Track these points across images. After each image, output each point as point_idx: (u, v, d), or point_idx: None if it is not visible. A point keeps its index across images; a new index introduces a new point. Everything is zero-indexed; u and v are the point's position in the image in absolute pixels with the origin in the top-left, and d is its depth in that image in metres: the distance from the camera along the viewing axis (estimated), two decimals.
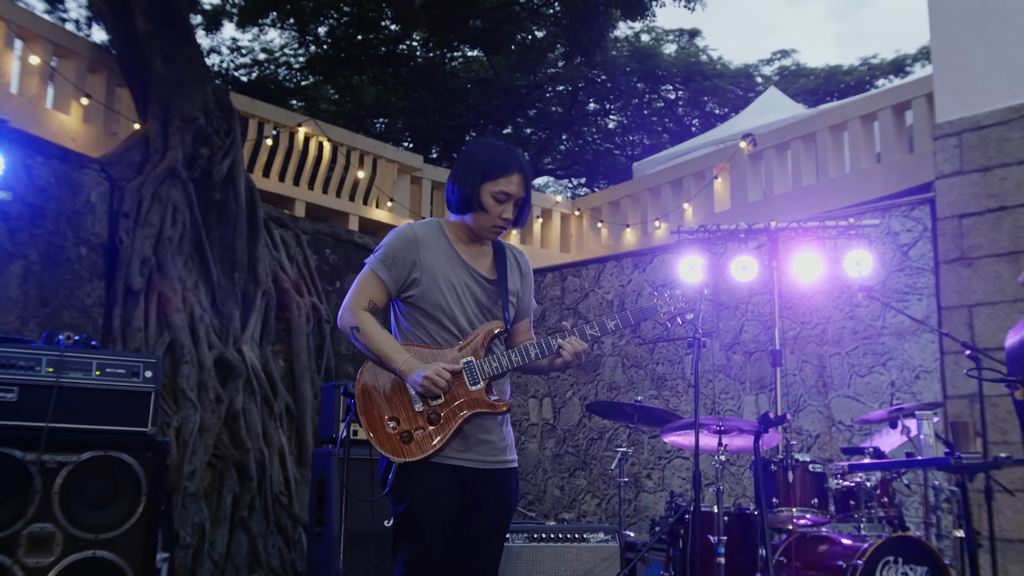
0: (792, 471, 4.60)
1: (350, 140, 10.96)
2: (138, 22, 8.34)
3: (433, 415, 2.89)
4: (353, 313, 3.02)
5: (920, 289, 6.85)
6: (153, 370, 4.67)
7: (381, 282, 3.02)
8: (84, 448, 4.40)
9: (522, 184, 3.06)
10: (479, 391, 2.93)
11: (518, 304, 3.19)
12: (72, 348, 4.54)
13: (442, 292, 2.99)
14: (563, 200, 13.09)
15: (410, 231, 3.07)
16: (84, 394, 4.48)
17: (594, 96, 21.20)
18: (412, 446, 2.87)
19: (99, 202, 7.64)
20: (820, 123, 9.64)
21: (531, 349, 2.98)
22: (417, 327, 3.03)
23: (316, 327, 9.22)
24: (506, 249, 3.21)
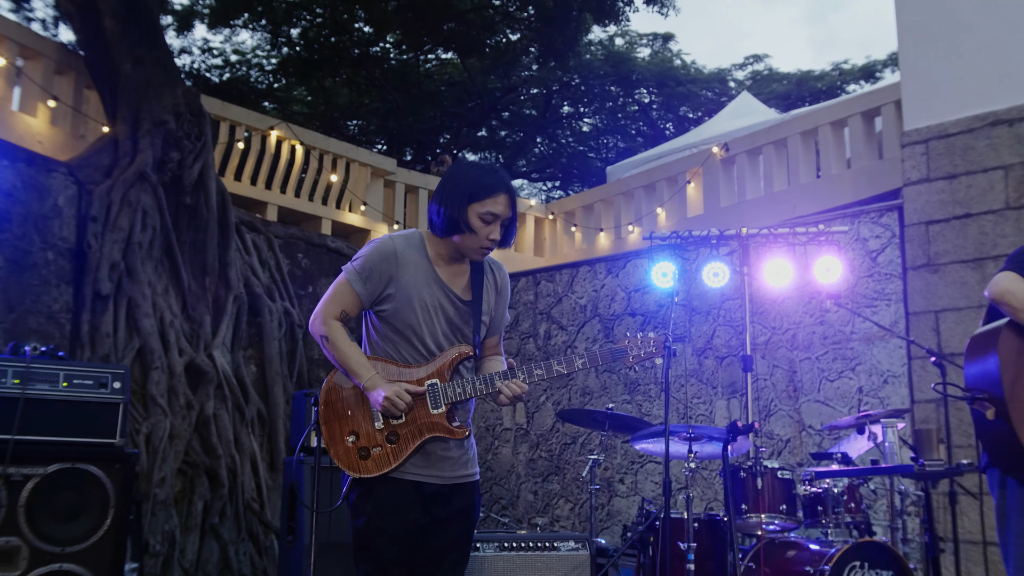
0: (761, 477, 4.64)
1: (323, 143, 10.92)
2: (106, 23, 8.26)
3: (392, 435, 2.89)
4: (324, 321, 3.02)
5: (888, 295, 6.91)
6: (121, 381, 4.63)
7: (355, 293, 3.02)
8: (51, 460, 4.35)
9: (508, 204, 3.04)
10: (440, 415, 2.93)
11: (490, 322, 3.19)
12: (39, 359, 4.48)
13: (414, 312, 2.99)
14: (537, 204, 13.12)
15: (390, 244, 3.05)
16: (51, 406, 4.44)
17: (568, 99, 21.26)
18: (369, 463, 2.87)
19: (67, 206, 7.56)
20: (791, 129, 9.72)
21: (496, 380, 2.97)
22: (386, 342, 3.03)
23: (288, 332, 9.17)
24: (485, 267, 3.19)
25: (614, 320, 8.65)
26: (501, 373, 2.99)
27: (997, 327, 3.22)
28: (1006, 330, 3.18)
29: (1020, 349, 3.14)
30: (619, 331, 8.57)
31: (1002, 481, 3.20)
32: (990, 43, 6.82)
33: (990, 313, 3.36)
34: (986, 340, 3.24)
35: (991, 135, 6.64)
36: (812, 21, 55.73)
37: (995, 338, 3.18)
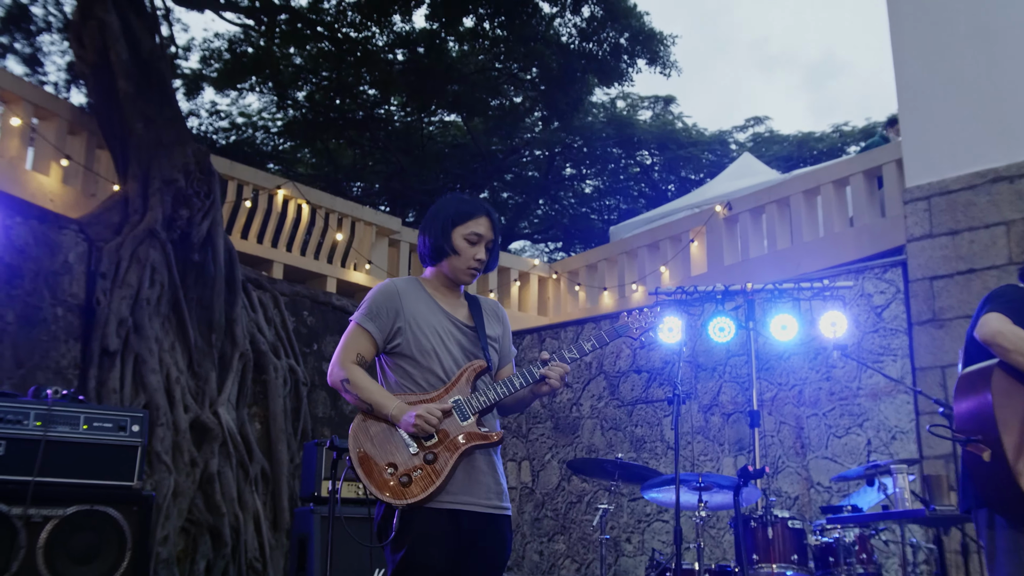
0: (772, 527, 4.62)
1: (328, 202, 11.02)
2: (120, 84, 8.41)
3: (429, 455, 2.92)
4: (342, 366, 3.07)
5: (894, 350, 6.93)
6: (140, 424, 4.72)
7: (368, 334, 3.08)
8: (70, 502, 4.42)
9: (490, 227, 3.18)
10: (470, 425, 2.98)
11: (500, 349, 3.26)
12: (60, 402, 4.55)
13: (427, 337, 3.07)
14: (540, 263, 13.18)
15: (391, 285, 3.18)
16: (71, 448, 4.52)
17: (571, 161, 21.49)
18: (413, 487, 2.88)
19: (77, 263, 7.62)
20: (794, 187, 9.80)
21: (515, 379, 3.03)
22: (404, 377, 3.08)
23: (293, 389, 9.17)
24: (480, 301, 3.31)
25: (620, 377, 8.65)
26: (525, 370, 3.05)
27: (988, 367, 3.22)
28: (998, 370, 3.19)
29: (1010, 389, 3.15)
30: (624, 388, 8.57)
31: (990, 521, 3.19)
32: (988, 101, 6.93)
33: (968, 352, 3.38)
34: (977, 380, 3.25)
35: (992, 191, 6.72)
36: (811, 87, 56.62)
37: (987, 378, 3.19)
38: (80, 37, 8.65)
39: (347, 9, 12.70)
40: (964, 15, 7.19)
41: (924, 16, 7.41)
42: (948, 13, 7.27)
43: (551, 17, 12.29)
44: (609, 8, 11.39)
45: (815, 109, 58.42)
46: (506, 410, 3.23)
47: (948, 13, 7.27)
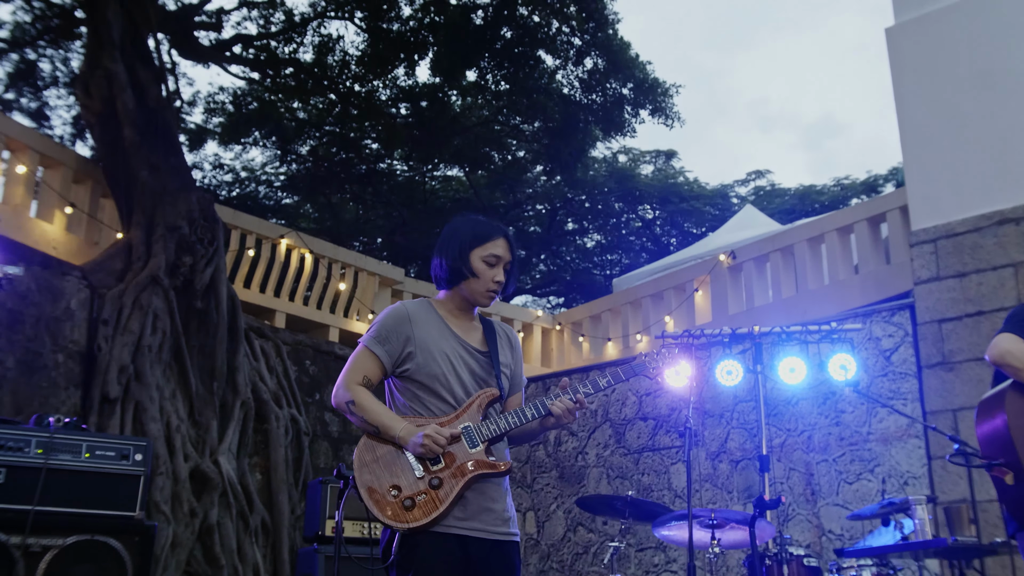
0: (787, 565, 4.51)
1: (332, 252, 11.01)
2: (125, 132, 8.46)
3: (435, 480, 2.85)
4: (348, 388, 3.00)
5: (904, 394, 6.84)
6: (143, 453, 4.67)
7: (376, 357, 3.01)
8: (70, 531, 4.36)
9: (508, 248, 3.11)
10: (479, 452, 2.90)
11: (511, 376, 3.18)
12: (62, 430, 4.48)
13: (437, 363, 3.00)
14: (544, 314, 13.13)
15: (402, 308, 3.09)
16: (72, 476, 4.47)
17: (573, 215, 21.56)
18: (415, 511, 2.81)
19: (79, 309, 7.58)
20: (797, 236, 9.80)
21: (527, 410, 2.97)
22: (413, 400, 3.01)
23: (295, 439, 9.06)
24: (495, 325, 3.23)
25: (625, 425, 8.55)
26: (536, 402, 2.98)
27: (1002, 390, 3.22)
28: (1011, 392, 3.19)
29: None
30: (631, 436, 8.46)
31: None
32: (993, 144, 6.95)
33: (997, 376, 3.37)
34: (993, 404, 3.25)
35: (998, 233, 6.70)
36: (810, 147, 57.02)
37: (1001, 401, 3.18)
38: (87, 87, 8.72)
39: (351, 62, 12.82)
40: (966, 60, 7.24)
41: (926, 62, 7.46)
42: (950, 58, 7.32)
43: (554, 70, 12.41)
44: (612, 59, 11.50)
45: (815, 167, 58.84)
46: (514, 440, 3.14)
47: (950, 58, 7.32)
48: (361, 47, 12.88)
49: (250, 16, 12.70)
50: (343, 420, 9.74)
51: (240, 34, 12.51)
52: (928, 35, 7.48)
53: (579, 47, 11.75)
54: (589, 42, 11.60)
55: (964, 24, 7.30)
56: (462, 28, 11.89)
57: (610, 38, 11.49)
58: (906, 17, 7.67)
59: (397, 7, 12.34)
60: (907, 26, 7.63)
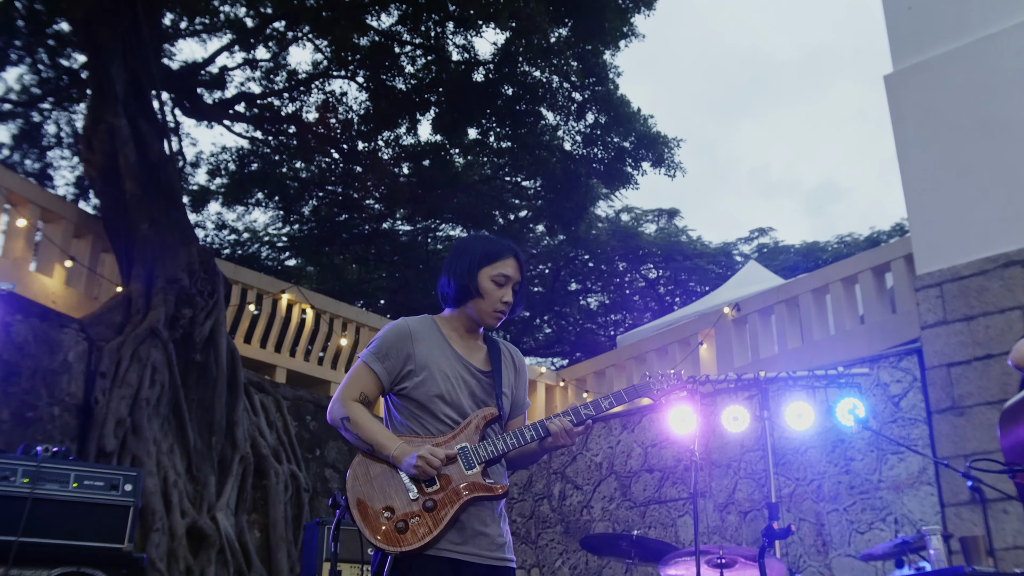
0: None
1: (333, 308, 10.96)
2: (127, 186, 8.47)
3: (429, 502, 2.75)
4: (343, 404, 2.92)
5: (915, 440, 6.70)
6: (133, 483, 4.57)
7: (374, 374, 2.93)
8: (56, 563, 4.25)
9: (517, 268, 3.03)
10: (475, 474, 2.80)
11: (512, 399, 3.09)
12: (50, 459, 4.38)
13: (437, 382, 2.91)
14: (548, 371, 13.02)
15: (404, 325, 3.01)
16: (59, 506, 4.37)
17: (575, 276, 21.55)
18: (408, 535, 2.70)
19: (76, 362, 7.50)
20: (802, 287, 9.74)
21: (526, 432, 2.87)
22: (411, 419, 2.92)
23: (294, 496, 8.90)
24: (500, 345, 3.14)
25: (631, 477, 8.39)
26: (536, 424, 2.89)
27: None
28: None
29: None
30: (636, 488, 8.30)
31: None
32: (995, 187, 6.91)
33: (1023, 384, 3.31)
34: (1016, 410, 3.19)
35: (1004, 276, 6.62)
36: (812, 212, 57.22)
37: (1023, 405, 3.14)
38: (90, 141, 8.75)
39: (353, 120, 12.91)
40: (965, 105, 7.24)
41: (925, 107, 7.46)
42: (949, 104, 7.32)
43: (555, 126, 12.48)
44: (613, 113, 11.56)
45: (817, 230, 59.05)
46: (513, 464, 3.04)
47: (949, 104, 7.32)
48: (364, 105, 12.99)
49: (254, 76, 12.84)
50: (344, 476, 9.57)
51: (243, 92, 12.63)
52: (927, 81, 7.50)
53: (580, 102, 11.83)
54: (590, 97, 11.69)
55: (962, 70, 7.31)
56: (464, 86, 11.99)
57: (610, 93, 11.57)
58: (904, 64, 7.69)
59: (399, 66, 12.47)
60: (905, 73, 7.65)
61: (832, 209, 56.34)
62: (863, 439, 6.92)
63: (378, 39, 12.20)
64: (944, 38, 7.50)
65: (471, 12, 10.97)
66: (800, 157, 62.82)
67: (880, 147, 56.01)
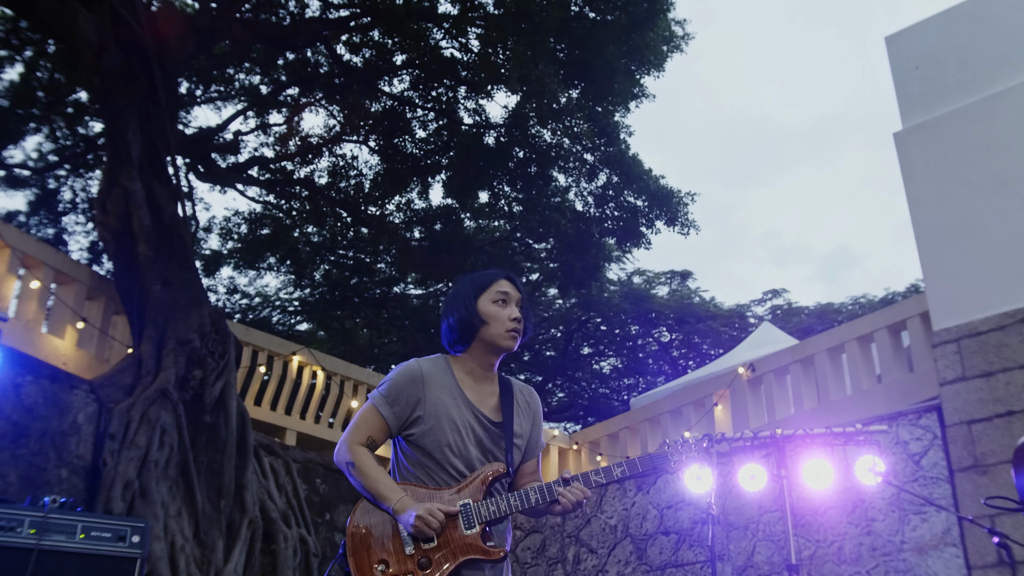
0: None
1: (344, 370, 10.91)
2: (140, 248, 8.49)
3: (424, 559, 2.69)
4: (350, 448, 2.87)
5: (937, 499, 6.55)
6: (141, 535, 4.52)
7: (382, 419, 2.88)
8: None
9: (514, 287, 3.03)
10: (474, 536, 2.73)
11: (525, 446, 3.02)
12: (57, 510, 4.32)
13: (444, 432, 2.85)
14: (561, 434, 12.88)
15: (416, 367, 2.95)
16: (65, 558, 4.36)
17: (588, 339, 21.48)
18: None
19: (86, 423, 7.44)
20: (818, 346, 9.64)
21: (531, 495, 2.79)
22: (417, 466, 2.87)
23: (304, 561, 8.74)
24: (514, 388, 3.07)
25: (647, 540, 8.22)
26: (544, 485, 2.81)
27: None
28: None
29: None
30: (652, 552, 8.13)
31: None
32: (1007, 242, 6.86)
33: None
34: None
35: (1023, 331, 6.53)
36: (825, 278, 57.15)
37: None
38: (104, 204, 8.80)
39: (365, 184, 13.00)
40: (976, 162, 7.23)
41: (936, 164, 7.46)
42: (959, 160, 7.32)
43: (566, 187, 12.54)
44: (624, 172, 11.60)
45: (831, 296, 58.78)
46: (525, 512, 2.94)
47: (959, 160, 7.32)
48: (375, 169, 13.08)
49: (267, 141, 12.98)
50: None
51: (256, 157, 12.75)
52: (936, 138, 7.51)
53: (591, 163, 11.89)
54: (601, 158, 11.74)
55: (971, 127, 7.32)
56: (475, 149, 12.08)
57: (622, 152, 11.63)
58: (913, 122, 7.71)
59: (411, 130, 12.58)
60: (914, 131, 7.67)
61: (846, 275, 56.28)
62: (884, 499, 6.77)
63: (390, 104, 12.34)
64: (952, 96, 7.53)
65: (482, 76, 11.09)
66: (812, 223, 62.98)
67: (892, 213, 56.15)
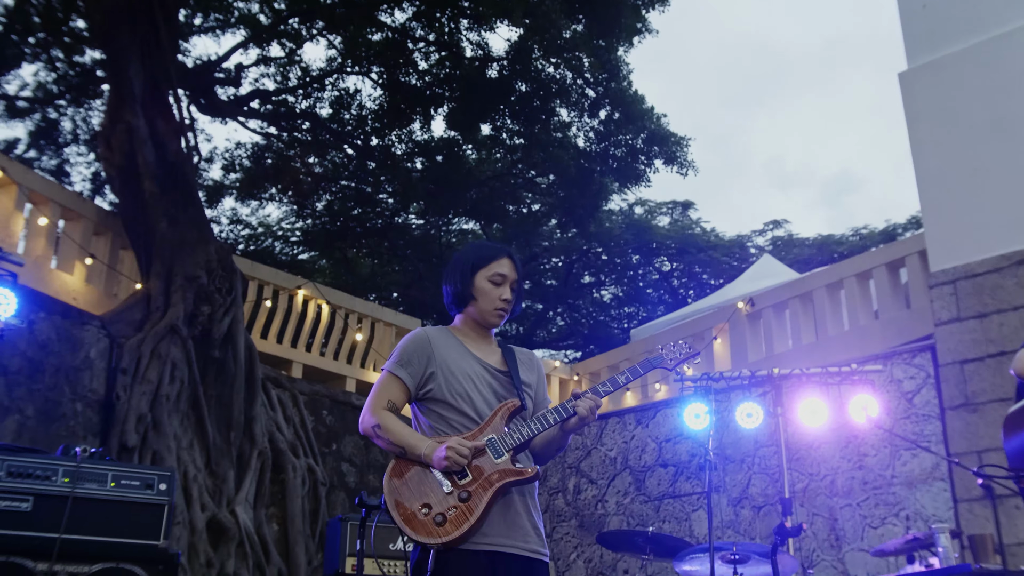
0: None
1: (348, 303, 11.04)
2: (145, 185, 8.56)
3: (463, 493, 2.86)
4: (374, 412, 3.04)
5: (928, 436, 6.75)
6: (168, 483, 4.77)
7: (399, 381, 3.06)
8: (96, 559, 4.41)
9: (513, 268, 3.18)
10: (504, 462, 2.91)
11: (534, 397, 3.20)
12: (88, 460, 4.58)
13: (459, 382, 3.04)
14: (561, 365, 13.08)
15: (422, 333, 3.16)
16: (98, 505, 4.53)
17: (589, 268, 21.58)
18: (447, 526, 2.82)
19: (98, 359, 7.60)
20: (816, 282, 9.76)
21: (550, 415, 2.98)
22: (438, 421, 3.05)
23: (312, 490, 8.98)
24: (514, 349, 3.27)
25: (645, 472, 8.46)
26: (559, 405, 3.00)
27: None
28: None
29: None
30: (651, 483, 8.37)
31: None
32: (1008, 186, 6.94)
33: (1019, 389, 3.40)
34: (1019, 417, 3.33)
35: (1019, 274, 6.65)
36: (827, 203, 56.90)
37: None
38: (108, 141, 8.84)
39: (367, 116, 12.98)
40: (980, 103, 7.26)
41: (940, 105, 7.49)
42: (964, 101, 7.35)
43: (568, 122, 12.53)
44: (626, 111, 11.60)
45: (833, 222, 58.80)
46: (539, 458, 3.12)
47: (964, 101, 7.35)
48: (377, 101, 13.05)
49: (268, 72, 12.92)
50: (360, 471, 9.68)
51: (258, 89, 12.71)
52: (941, 79, 7.52)
53: (594, 99, 11.87)
54: (603, 94, 11.73)
55: (976, 68, 7.33)
56: (477, 82, 12.04)
57: (624, 90, 11.61)
58: (919, 62, 7.71)
59: (413, 62, 12.52)
60: (920, 71, 7.68)
61: (848, 200, 56.11)
62: (876, 435, 6.97)
63: (392, 35, 12.26)
64: (958, 36, 7.52)
65: (485, 8, 11.02)
66: (816, 149, 62.55)
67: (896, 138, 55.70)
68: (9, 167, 8.30)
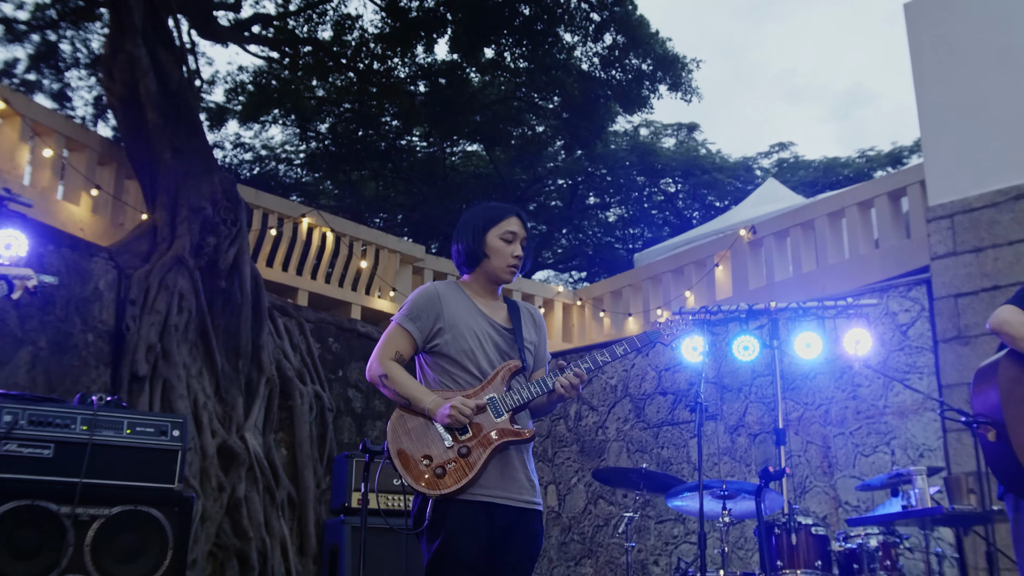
0: (795, 534, 4.66)
1: (352, 231, 11.12)
2: (148, 115, 8.57)
3: (463, 448, 3.04)
4: (381, 363, 3.21)
5: (920, 368, 6.90)
6: (180, 429, 5.03)
7: (407, 333, 3.22)
8: (115, 502, 4.69)
9: (522, 225, 3.34)
10: (504, 421, 3.09)
11: (535, 352, 3.36)
12: (105, 408, 4.82)
13: (465, 339, 3.20)
14: (565, 290, 13.21)
15: (432, 288, 3.32)
16: (115, 451, 4.80)
17: (594, 190, 21.57)
18: (447, 479, 3.00)
19: (107, 290, 7.73)
20: (818, 210, 9.80)
21: (547, 381, 3.15)
22: (443, 375, 3.21)
23: (319, 416, 9.21)
24: (519, 305, 3.44)
25: (645, 399, 8.65)
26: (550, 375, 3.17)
27: (997, 358, 3.47)
28: (1005, 359, 3.43)
29: (1018, 376, 3.36)
30: (650, 410, 8.57)
31: (1016, 505, 3.36)
32: (1009, 121, 6.94)
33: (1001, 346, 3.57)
34: (988, 371, 3.48)
35: (1015, 209, 6.71)
36: (837, 117, 56.16)
37: (995, 367, 3.43)
38: (110, 71, 8.83)
39: (370, 40, 12.87)
40: (984, 36, 7.22)
41: (943, 38, 7.44)
42: (968, 34, 7.30)
43: (572, 46, 12.41)
44: (630, 35, 11.50)
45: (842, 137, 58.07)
46: (536, 412, 3.32)
47: (968, 34, 7.30)
48: (379, 25, 12.93)
49: None
50: (366, 397, 9.89)
51: (258, 13, 12.59)
52: (946, 11, 7.46)
53: (598, 23, 11.75)
54: (608, 18, 11.60)
55: (982, 1, 7.27)
56: (480, 5, 11.90)
57: (628, 14, 11.48)
58: None
59: None
60: (925, 2, 7.61)
61: (859, 114, 55.41)
62: (870, 366, 7.10)
63: None
64: None
65: None
66: (828, 61, 61.51)
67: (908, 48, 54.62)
68: (12, 98, 8.31)
